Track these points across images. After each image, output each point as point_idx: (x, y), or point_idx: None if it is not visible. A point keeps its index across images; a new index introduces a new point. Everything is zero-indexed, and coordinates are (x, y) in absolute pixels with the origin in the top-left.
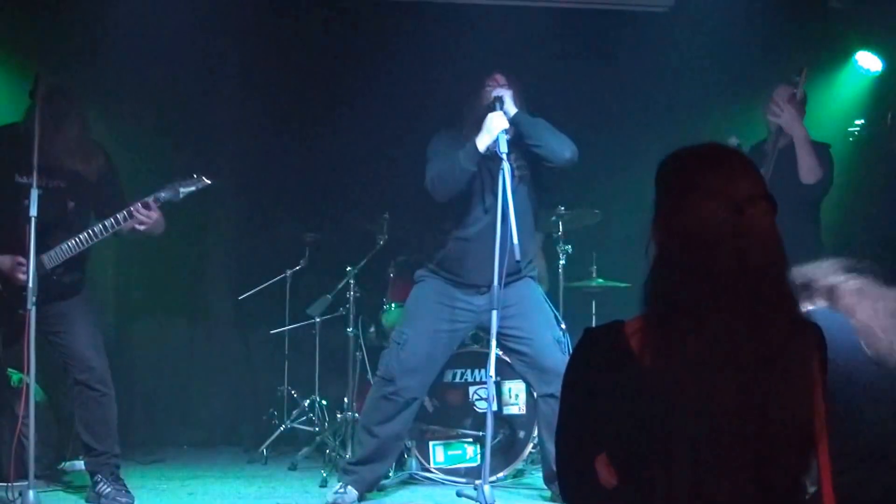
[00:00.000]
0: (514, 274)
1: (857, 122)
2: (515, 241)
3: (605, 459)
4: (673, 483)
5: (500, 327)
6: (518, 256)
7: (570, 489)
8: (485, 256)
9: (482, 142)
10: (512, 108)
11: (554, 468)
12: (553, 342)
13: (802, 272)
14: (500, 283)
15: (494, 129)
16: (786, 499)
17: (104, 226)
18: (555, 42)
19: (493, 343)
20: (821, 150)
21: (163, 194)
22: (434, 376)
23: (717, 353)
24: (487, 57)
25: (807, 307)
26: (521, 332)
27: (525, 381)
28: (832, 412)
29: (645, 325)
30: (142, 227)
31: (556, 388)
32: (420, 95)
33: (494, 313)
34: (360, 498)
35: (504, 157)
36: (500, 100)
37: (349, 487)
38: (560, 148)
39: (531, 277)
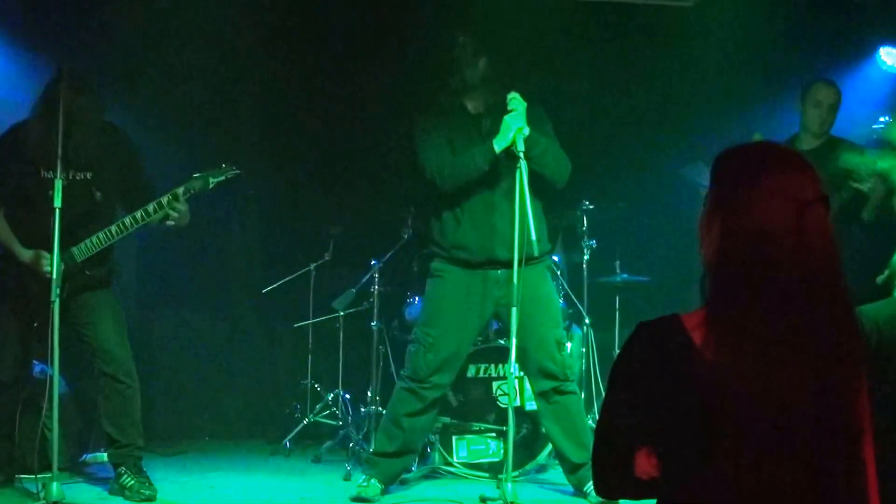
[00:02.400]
0: (529, 259)
1: (882, 118)
2: (533, 235)
3: (648, 452)
4: (740, 475)
5: (504, 320)
6: (535, 236)
7: (606, 481)
8: (498, 230)
9: (500, 144)
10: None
11: (573, 461)
12: (553, 343)
13: None
14: (518, 283)
15: (511, 131)
16: (844, 490)
17: (135, 217)
18: (580, 36)
19: (514, 341)
20: None
21: (193, 185)
22: (459, 368)
23: (779, 349)
24: (514, 49)
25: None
26: (521, 326)
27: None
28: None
29: (707, 319)
30: (170, 222)
31: (549, 386)
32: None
33: (514, 310)
34: (384, 491)
35: (521, 155)
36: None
37: (373, 480)
38: (559, 177)
39: (549, 266)
